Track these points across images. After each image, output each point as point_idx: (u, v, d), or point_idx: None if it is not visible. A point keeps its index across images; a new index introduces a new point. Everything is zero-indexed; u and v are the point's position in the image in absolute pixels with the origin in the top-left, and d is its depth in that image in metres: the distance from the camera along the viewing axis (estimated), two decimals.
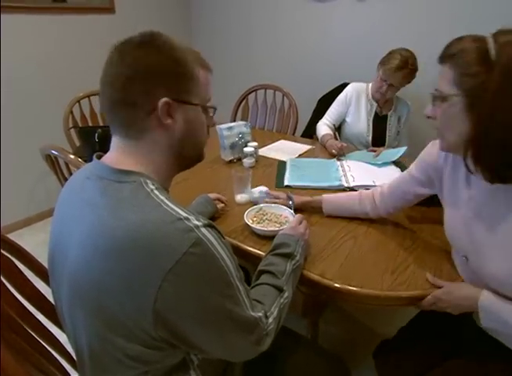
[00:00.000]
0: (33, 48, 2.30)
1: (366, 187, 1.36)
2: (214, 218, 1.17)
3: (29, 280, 0.85)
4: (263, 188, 1.28)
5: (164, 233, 0.54)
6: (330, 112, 1.98)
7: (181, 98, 0.64)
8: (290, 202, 1.17)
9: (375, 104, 1.90)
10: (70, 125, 1.92)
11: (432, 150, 0.95)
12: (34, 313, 0.81)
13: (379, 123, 1.91)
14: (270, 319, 0.70)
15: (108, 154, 0.68)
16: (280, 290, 0.78)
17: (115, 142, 0.67)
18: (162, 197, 0.60)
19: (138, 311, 0.55)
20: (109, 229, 0.57)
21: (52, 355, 0.79)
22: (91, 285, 0.58)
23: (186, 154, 0.70)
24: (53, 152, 1.14)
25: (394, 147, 1.79)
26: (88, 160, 1.30)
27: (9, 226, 2.39)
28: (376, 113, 1.91)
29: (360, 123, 1.92)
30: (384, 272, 0.93)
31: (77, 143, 1.89)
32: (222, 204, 1.21)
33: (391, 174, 1.45)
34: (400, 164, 1.57)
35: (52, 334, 0.82)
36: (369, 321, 1.76)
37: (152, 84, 0.62)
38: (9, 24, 2.16)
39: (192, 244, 0.54)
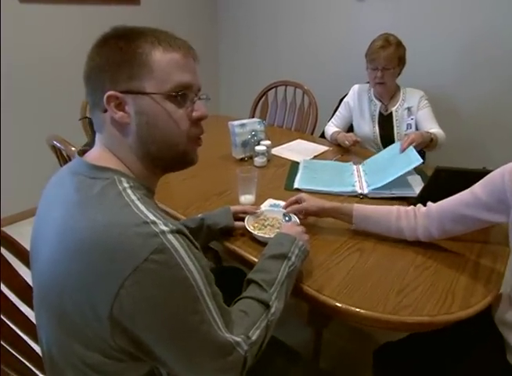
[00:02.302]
0: (56, 37, 2.33)
1: (382, 195, 1.27)
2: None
3: (17, 272, 0.84)
4: (273, 201, 1.20)
5: (126, 237, 0.50)
6: (336, 116, 1.92)
7: (129, 88, 0.59)
8: (287, 218, 1.05)
9: (379, 103, 1.79)
10: (88, 115, 1.92)
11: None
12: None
13: (385, 122, 1.79)
14: (251, 342, 0.63)
15: (91, 150, 0.66)
16: (267, 305, 0.70)
17: (96, 137, 0.66)
18: (133, 197, 0.56)
19: (96, 318, 0.51)
20: (76, 229, 0.54)
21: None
22: (54, 287, 0.56)
23: (155, 152, 0.63)
24: (56, 143, 1.12)
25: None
26: None
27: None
28: (380, 113, 1.80)
29: (365, 125, 1.83)
30: (388, 292, 0.85)
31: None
32: (241, 223, 1.02)
33: (411, 183, 1.35)
34: (420, 171, 1.46)
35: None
36: (378, 334, 1.66)
37: (101, 81, 0.59)
38: (32, 14, 2.19)
39: (154, 250, 0.50)
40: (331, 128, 1.86)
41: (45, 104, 2.39)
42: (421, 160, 1.27)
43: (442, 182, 1.05)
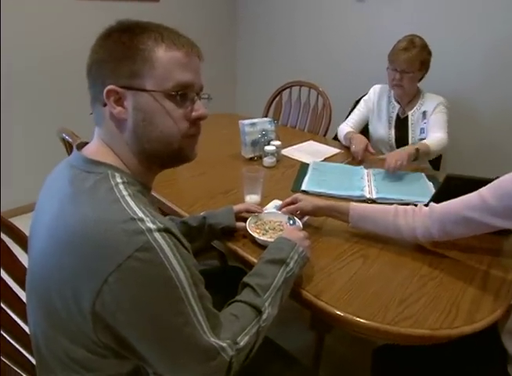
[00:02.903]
0: (72, 31, 2.36)
1: (391, 201, 1.24)
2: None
3: (19, 260, 0.84)
4: (278, 202, 1.17)
5: (112, 233, 0.50)
6: (353, 114, 1.85)
7: (129, 84, 0.58)
8: (291, 222, 1.02)
9: (397, 106, 1.74)
10: None
11: None
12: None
13: (401, 125, 1.74)
14: (239, 348, 0.62)
15: (90, 143, 0.66)
16: (259, 311, 0.68)
17: (95, 131, 0.65)
18: (124, 193, 0.55)
19: (80, 312, 0.51)
20: (67, 222, 0.54)
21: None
22: (42, 279, 0.56)
23: (150, 150, 0.62)
24: (64, 136, 1.13)
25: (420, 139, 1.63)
26: None
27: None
28: (397, 116, 1.75)
29: (381, 127, 1.78)
30: (389, 301, 0.82)
31: None
32: (243, 224, 1.00)
33: (423, 190, 1.31)
34: (433, 178, 1.42)
35: None
36: (381, 341, 1.62)
37: (102, 75, 0.59)
38: (49, 7, 2.21)
39: (139, 247, 0.49)
40: (346, 128, 1.80)
41: (62, 97, 2.43)
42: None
43: (453, 189, 1.01)
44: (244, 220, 1.02)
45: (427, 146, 1.51)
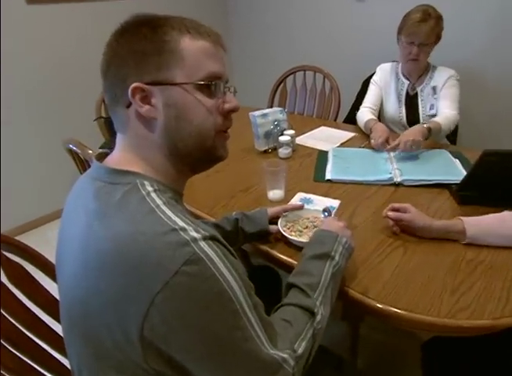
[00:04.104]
0: (65, 37, 2.28)
1: (420, 182, 1.18)
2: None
3: (41, 286, 0.80)
4: (304, 195, 1.12)
5: (153, 248, 0.45)
6: (369, 95, 1.75)
7: (156, 79, 0.53)
8: (326, 214, 0.96)
9: (406, 82, 1.66)
10: (103, 114, 1.88)
11: None
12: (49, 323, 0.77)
13: (411, 103, 1.67)
14: (298, 356, 0.57)
15: (112, 153, 0.61)
16: (311, 312, 0.63)
17: (117, 138, 0.60)
18: (158, 202, 0.50)
19: (127, 339, 0.46)
20: (97, 240, 0.49)
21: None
22: (79, 307, 0.51)
23: (183, 150, 0.57)
24: (72, 147, 1.08)
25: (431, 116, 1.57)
26: None
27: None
28: (407, 92, 1.67)
29: (391, 106, 1.70)
30: (441, 292, 0.77)
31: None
32: (276, 227, 0.93)
33: (450, 169, 1.25)
34: (458, 153, 1.36)
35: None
36: None
37: (123, 72, 0.54)
38: (41, 14, 2.14)
39: (185, 260, 0.44)
40: (365, 114, 1.69)
41: (59, 106, 2.36)
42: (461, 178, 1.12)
43: (491, 167, 0.96)
44: (277, 221, 0.96)
45: (439, 125, 1.45)
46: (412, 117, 1.67)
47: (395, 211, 0.94)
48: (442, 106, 1.56)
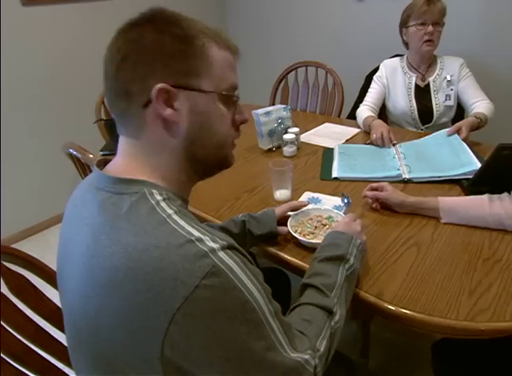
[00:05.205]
0: (61, 38, 2.25)
1: (430, 178, 1.15)
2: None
3: (45, 296, 0.78)
4: (311, 195, 1.09)
5: (169, 261, 0.42)
6: (370, 93, 1.72)
7: (184, 83, 0.51)
8: (346, 201, 0.99)
9: (414, 75, 1.63)
10: (103, 117, 1.85)
11: None
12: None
13: (422, 95, 1.63)
14: (320, 354, 0.56)
15: (114, 159, 0.57)
16: (330, 311, 0.62)
17: (120, 143, 0.56)
18: (169, 211, 0.47)
19: (144, 360, 0.44)
20: (105, 256, 0.46)
21: None
22: (88, 327, 0.48)
23: (201, 157, 0.56)
24: (72, 151, 1.05)
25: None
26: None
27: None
28: (416, 86, 1.63)
29: (400, 101, 1.65)
30: (458, 293, 0.74)
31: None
32: (285, 228, 0.91)
33: (458, 159, 1.21)
34: (468, 146, 1.32)
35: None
36: None
37: (145, 68, 0.50)
38: (35, 16, 2.11)
39: (205, 273, 0.42)
40: (364, 111, 1.65)
41: (58, 109, 2.33)
42: (476, 167, 1.11)
43: (506, 161, 0.93)
44: (285, 221, 0.93)
45: (485, 116, 1.42)
46: (425, 109, 1.63)
47: (374, 191, 1.02)
48: (473, 97, 1.53)
